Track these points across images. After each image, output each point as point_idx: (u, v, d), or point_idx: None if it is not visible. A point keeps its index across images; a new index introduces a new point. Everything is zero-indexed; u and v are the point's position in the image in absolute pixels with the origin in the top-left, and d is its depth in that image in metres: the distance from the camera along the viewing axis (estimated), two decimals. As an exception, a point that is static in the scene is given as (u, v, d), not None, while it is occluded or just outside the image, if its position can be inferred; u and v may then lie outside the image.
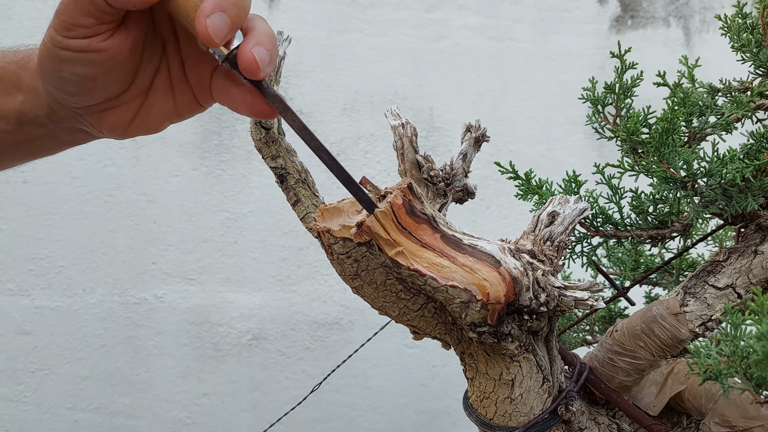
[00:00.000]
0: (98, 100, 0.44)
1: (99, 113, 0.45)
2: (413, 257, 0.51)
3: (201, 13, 0.38)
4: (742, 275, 0.58)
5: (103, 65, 0.41)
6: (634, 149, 0.58)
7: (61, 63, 0.41)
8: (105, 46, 0.40)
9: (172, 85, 0.46)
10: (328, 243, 0.54)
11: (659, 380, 0.65)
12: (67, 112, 0.45)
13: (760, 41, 0.59)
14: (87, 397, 1.63)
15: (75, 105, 0.44)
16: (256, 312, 1.72)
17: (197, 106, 0.47)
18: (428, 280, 0.50)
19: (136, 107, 0.46)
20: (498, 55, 1.89)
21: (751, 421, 0.57)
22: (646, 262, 0.86)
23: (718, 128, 0.57)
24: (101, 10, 0.39)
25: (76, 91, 0.42)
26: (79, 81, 0.42)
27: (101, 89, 0.43)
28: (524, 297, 0.53)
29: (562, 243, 0.56)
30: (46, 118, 0.45)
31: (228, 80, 0.44)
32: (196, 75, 0.46)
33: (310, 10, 1.79)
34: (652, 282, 0.89)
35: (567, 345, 0.91)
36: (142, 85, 0.45)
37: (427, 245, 0.51)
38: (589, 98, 0.65)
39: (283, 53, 0.84)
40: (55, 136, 0.48)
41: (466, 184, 0.67)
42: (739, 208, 0.55)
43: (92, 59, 0.41)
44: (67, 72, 0.41)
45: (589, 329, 0.91)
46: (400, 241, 0.50)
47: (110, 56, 0.41)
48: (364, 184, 0.50)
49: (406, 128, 0.67)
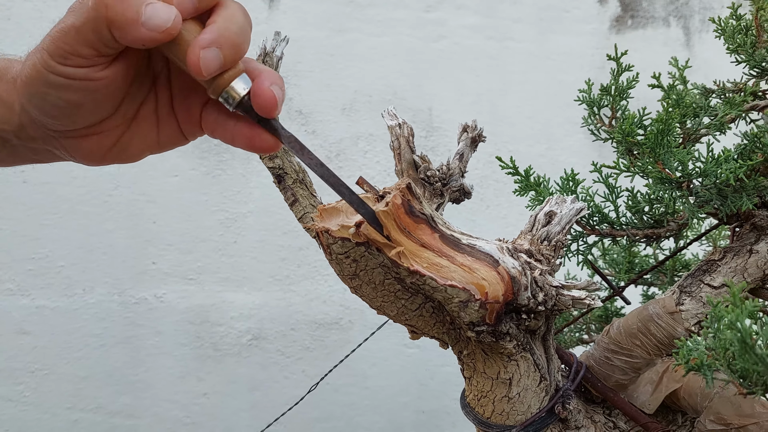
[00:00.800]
0: (80, 125, 0.42)
1: (76, 138, 0.43)
2: (413, 257, 0.51)
3: (196, 44, 0.38)
4: (738, 274, 0.59)
5: (93, 93, 0.40)
6: (629, 150, 0.59)
7: (50, 87, 0.39)
8: (100, 76, 0.40)
9: (158, 116, 0.45)
10: (327, 243, 0.55)
11: (654, 378, 0.65)
12: (40, 132, 0.43)
13: (754, 42, 0.60)
14: (86, 396, 1.63)
15: (53, 128, 0.42)
16: (256, 312, 1.72)
17: (181, 139, 0.46)
18: (427, 280, 0.51)
19: (116, 136, 0.44)
20: (497, 55, 1.89)
21: (745, 418, 0.57)
22: (640, 262, 0.86)
23: (712, 129, 0.58)
24: (106, 44, 0.38)
25: (59, 115, 0.41)
26: (65, 106, 0.40)
27: (85, 116, 0.42)
28: (522, 296, 0.53)
29: (559, 242, 0.56)
30: (13, 134, 0.43)
31: (222, 114, 0.43)
32: (185, 109, 0.45)
33: (310, 10, 1.79)
34: (647, 282, 0.90)
35: (563, 344, 0.92)
36: (126, 113, 0.44)
37: (426, 245, 0.52)
38: (585, 100, 0.65)
39: (280, 53, 0.85)
40: (16, 152, 0.45)
41: (462, 184, 0.67)
42: (734, 207, 0.55)
43: (84, 87, 0.40)
44: (54, 96, 0.40)
45: (585, 328, 0.91)
46: (400, 241, 0.50)
47: (103, 86, 0.40)
48: (361, 184, 0.50)
49: (403, 128, 0.68)
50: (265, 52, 0.83)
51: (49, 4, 1.62)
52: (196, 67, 0.38)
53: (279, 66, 0.84)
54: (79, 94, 0.40)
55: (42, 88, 0.39)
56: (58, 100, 0.40)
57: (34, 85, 0.40)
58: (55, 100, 0.40)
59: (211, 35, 0.38)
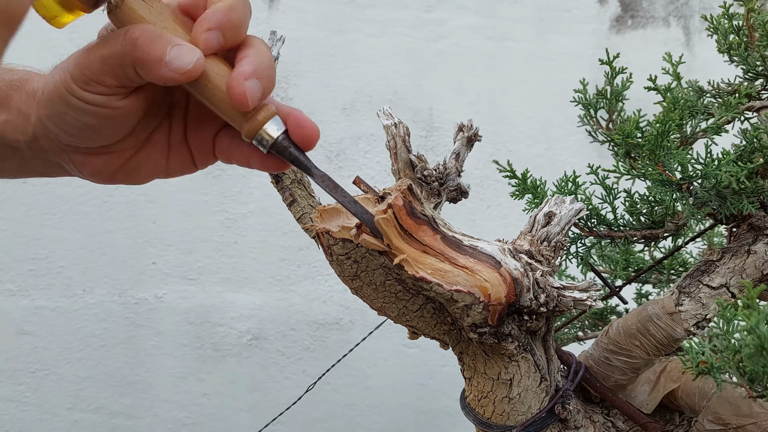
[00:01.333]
0: (93, 145, 0.43)
1: (87, 155, 0.44)
2: (417, 264, 0.51)
3: (240, 75, 0.38)
4: (736, 275, 0.59)
5: (110, 120, 0.41)
6: (628, 153, 0.59)
7: (70, 108, 0.40)
8: (120, 105, 0.40)
9: (169, 144, 0.46)
10: (328, 244, 0.55)
11: (652, 378, 0.65)
12: (53, 145, 0.44)
13: (747, 44, 0.60)
14: (87, 397, 1.64)
15: (67, 142, 0.43)
16: (256, 312, 1.72)
17: (191, 167, 0.47)
18: (434, 287, 0.51)
19: (126, 157, 0.45)
20: (497, 55, 1.90)
21: (744, 418, 0.57)
22: (636, 261, 0.86)
23: (710, 132, 0.58)
24: (129, 77, 0.39)
25: (76, 133, 0.42)
26: (82, 127, 0.41)
27: (100, 137, 0.42)
28: (525, 297, 0.53)
29: (559, 243, 0.56)
30: (25, 144, 0.44)
31: (235, 138, 0.43)
32: (198, 138, 0.45)
33: (309, 10, 1.79)
34: (641, 280, 0.90)
35: (559, 342, 0.92)
36: (139, 137, 0.44)
37: (429, 246, 0.52)
38: (581, 101, 0.65)
39: (276, 53, 0.84)
40: (26, 162, 0.46)
41: (459, 183, 0.67)
42: (734, 209, 0.55)
43: (103, 113, 0.40)
44: (72, 117, 0.41)
45: (580, 326, 0.91)
46: (402, 248, 0.50)
47: (122, 114, 0.41)
48: (358, 183, 0.50)
49: (399, 128, 0.68)
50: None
51: (49, 5, 1.62)
52: (243, 98, 0.38)
53: (276, 66, 0.83)
54: (96, 118, 0.41)
55: (62, 107, 0.40)
56: (76, 121, 0.41)
57: (54, 103, 0.41)
58: (73, 121, 0.41)
59: (251, 67, 0.39)
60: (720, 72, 0.75)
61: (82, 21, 0.41)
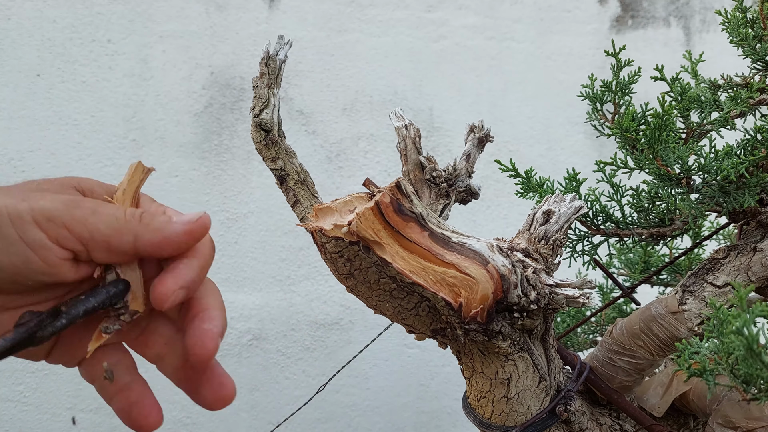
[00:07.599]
0: None
1: None
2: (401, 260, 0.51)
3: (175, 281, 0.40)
4: (741, 273, 0.58)
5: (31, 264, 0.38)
6: (632, 146, 0.58)
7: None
8: (60, 264, 0.39)
9: None
10: (321, 242, 0.54)
11: (665, 381, 0.65)
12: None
13: (759, 35, 0.59)
14: (87, 397, 1.63)
15: None
16: (256, 312, 1.72)
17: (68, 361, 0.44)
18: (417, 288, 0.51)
19: None
20: (498, 55, 1.89)
21: (754, 422, 0.56)
22: (656, 261, 0.85)
23: (717, 124, 0.57)
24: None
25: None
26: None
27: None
28: (513, 294, 0.53)
29: (558, 241, 0.55)
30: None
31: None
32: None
33: (310, 10, 1.79)
34: (663, 282, 0.89)
35: (576, 345, 0.91)
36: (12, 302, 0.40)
37: (416, 243, 0.52)
38: (587, 95, 0.65)
39: (284, 56, 0.84)
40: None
41: (469, 184, 0.67)
42: (737, 204, 0.55)
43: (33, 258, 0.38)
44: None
45: (599, 330, 0.90)
46: (388, 244, 0.50)
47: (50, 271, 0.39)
48: (367, 185, 0.51)
49: (410, 129, 0.67)
50: (268, 55, 0.82)
51: (50, 4, 1.62)
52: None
53: (282, 69, 0.83)
54: (22, 259, 0.38)
55: None
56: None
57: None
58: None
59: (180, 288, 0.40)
60: (720, 72, 0.75)
61: (82, 21, 0.40)
